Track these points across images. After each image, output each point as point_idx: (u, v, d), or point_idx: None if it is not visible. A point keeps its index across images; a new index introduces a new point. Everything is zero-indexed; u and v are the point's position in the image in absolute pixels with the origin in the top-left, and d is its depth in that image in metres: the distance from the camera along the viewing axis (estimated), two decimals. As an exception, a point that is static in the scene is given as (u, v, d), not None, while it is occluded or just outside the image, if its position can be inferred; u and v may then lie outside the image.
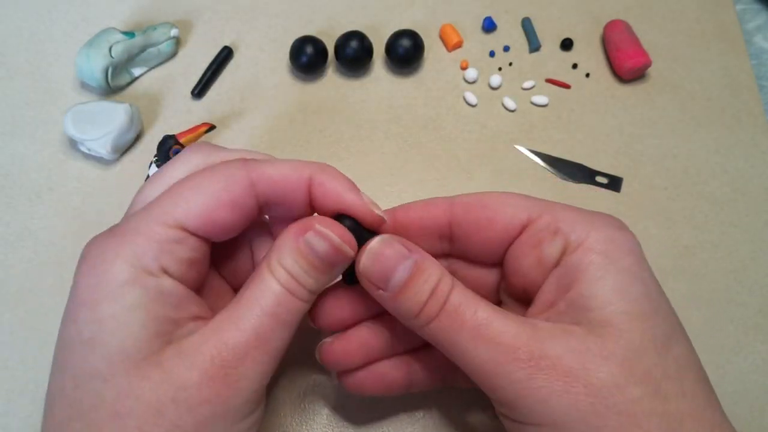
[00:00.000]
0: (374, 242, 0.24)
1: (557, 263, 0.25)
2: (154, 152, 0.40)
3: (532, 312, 0.26)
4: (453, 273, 0.26)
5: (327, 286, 0.26)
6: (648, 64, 0.44)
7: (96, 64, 0.41)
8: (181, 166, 0.26)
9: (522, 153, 0.42)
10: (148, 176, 0.39)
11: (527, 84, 0.45)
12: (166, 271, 0.23)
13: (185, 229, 0.23)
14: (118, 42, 0.42)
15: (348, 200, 0.25)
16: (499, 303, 0.29)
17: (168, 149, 0.39)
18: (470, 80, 0.45)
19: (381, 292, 0.25)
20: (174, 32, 0.44)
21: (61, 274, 0.38)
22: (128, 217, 0.25)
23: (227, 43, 0.46)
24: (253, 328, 0.23)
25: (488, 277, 0.29)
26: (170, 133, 0.40)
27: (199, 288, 0.25)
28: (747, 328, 0.37)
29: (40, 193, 0.40)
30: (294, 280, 0.24)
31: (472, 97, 0.44)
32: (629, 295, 0.23)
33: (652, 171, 0.42)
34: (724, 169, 0.42)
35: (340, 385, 0.30)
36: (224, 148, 0.27)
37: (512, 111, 0.44)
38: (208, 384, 0.22)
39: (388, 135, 0.43)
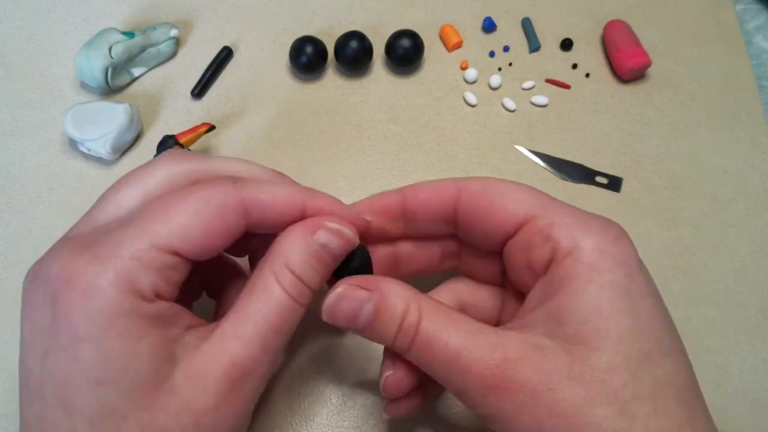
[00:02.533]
0: (332, 295, 0.25)
1: (546, 270, 0.25)
2: (154, 152, 0.40)
3: (518, 315, 0.26)
4: (460, 256, 0.26)
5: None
6: (648, 64, 0.44)
7: (96, 64, 0.41)
8: (160, 172, 0.25)
9: (522, 153, 0.42)
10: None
11: (527, 84, 0.45)
12: (159, 296, 0.23)
13: (179, 255, 0.23)
14: (118, 42, 0.42)
15: (346, 215, 0.27)
16: (503, 286, 0.30)
17: (168, 149, 0.39)
18: (470, 80, 0.45)
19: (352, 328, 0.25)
20: (174, 32, 0.44)
21: (61, 274, 0.38)
22: (114, 233, 0.23)
23: (227, 43, 0.46)
24: (258, 341, 0.23)
25: (494, 262, 0.29)
26: (170, 133, 0.40)
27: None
28: (747, 328, 0.37)
29: (40, 193, 0.40)
30: (301, 283, 0.24)
31: (472, 97, 0.44)
32: (608, 312, 0.23)
33: (652, 171, 0.42)
34: (724, 169, 0.42)
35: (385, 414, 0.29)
36: (199, 155, 0.27)
37: (512, 111, 0.44)
38: (224, 403, 0.23)
39: (388, 135, 0.43)
